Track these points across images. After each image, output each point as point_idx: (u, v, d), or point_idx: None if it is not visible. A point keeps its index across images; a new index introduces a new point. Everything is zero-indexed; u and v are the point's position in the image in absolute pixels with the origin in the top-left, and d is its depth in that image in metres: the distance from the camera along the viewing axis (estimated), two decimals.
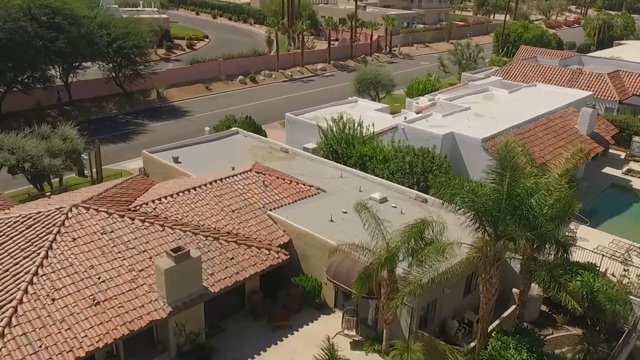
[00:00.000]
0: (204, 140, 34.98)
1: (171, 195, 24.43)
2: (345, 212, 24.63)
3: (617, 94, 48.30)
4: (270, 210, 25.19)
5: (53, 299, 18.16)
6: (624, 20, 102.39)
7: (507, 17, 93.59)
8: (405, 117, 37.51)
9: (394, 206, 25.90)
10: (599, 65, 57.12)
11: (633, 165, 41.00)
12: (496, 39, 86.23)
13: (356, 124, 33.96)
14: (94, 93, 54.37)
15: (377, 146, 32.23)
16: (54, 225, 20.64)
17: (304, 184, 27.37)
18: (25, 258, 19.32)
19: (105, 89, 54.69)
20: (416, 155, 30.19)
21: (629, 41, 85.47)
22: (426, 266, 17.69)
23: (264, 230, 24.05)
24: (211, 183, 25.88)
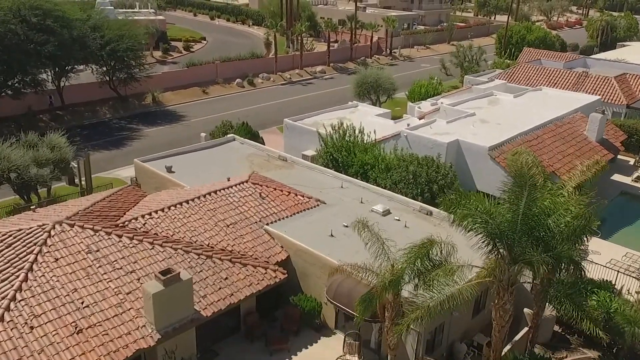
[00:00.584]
0: (198, 147, 33.64)
1: (162, 210, 23.09)
2: (346, 226, 23.29)
3: (625, 98, 46.92)
4: (267, 224, 23.85)
5: (32, 327, 16.81)
6: (627, 21, 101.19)
7: (509, 19, 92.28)
8: (408, 124, 36.19)
9: (398, 219, 24.65)
10: (605, 68, 55.80)
11: None
12: (498, 40, 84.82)
13: (357, 131, 32.64)
14: (87, 97, 52.83)
15: (379, 154, 30.89)
16: (35, 244, 19.31)
17: (302, 196, 26.04)
18: (3, 281, 17.97)
19: (98, 93, 53.22)
20: (420, 165, 28.81)
21: (633, 42, 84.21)
22: (434, 290, 16.39)
23: (261, 247, 22.71)
24: (205, 195, 24.55)
